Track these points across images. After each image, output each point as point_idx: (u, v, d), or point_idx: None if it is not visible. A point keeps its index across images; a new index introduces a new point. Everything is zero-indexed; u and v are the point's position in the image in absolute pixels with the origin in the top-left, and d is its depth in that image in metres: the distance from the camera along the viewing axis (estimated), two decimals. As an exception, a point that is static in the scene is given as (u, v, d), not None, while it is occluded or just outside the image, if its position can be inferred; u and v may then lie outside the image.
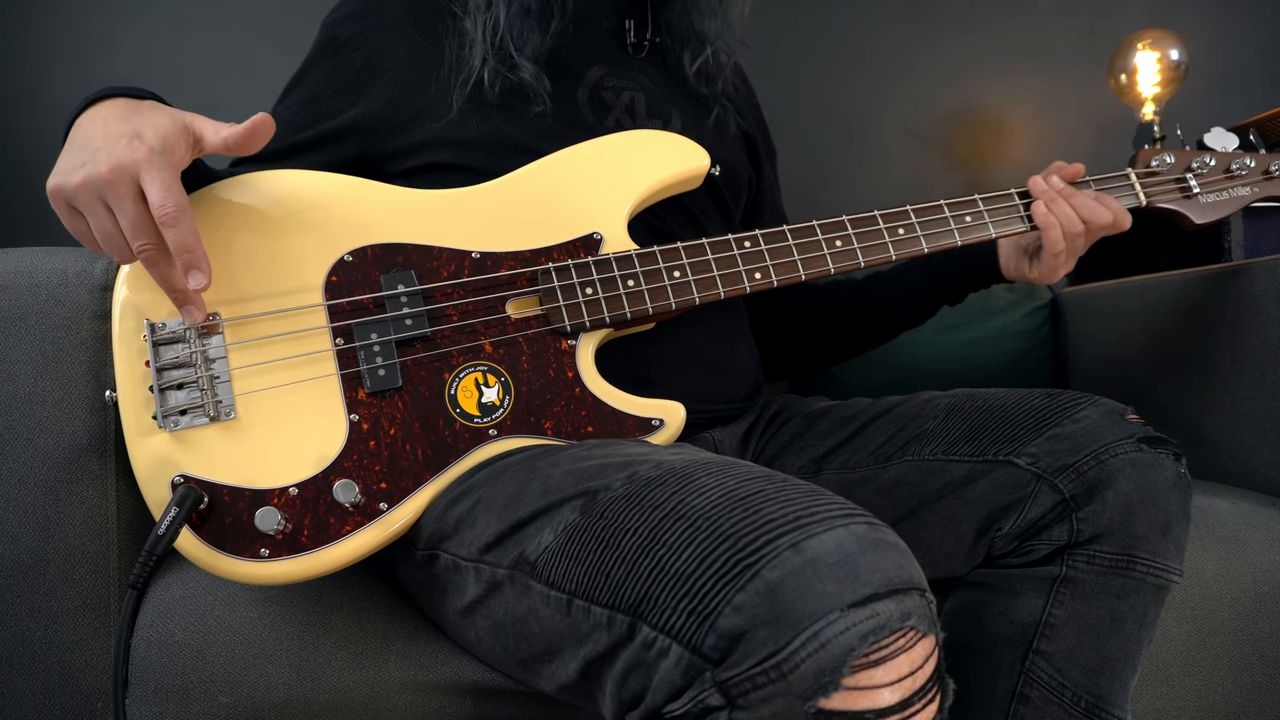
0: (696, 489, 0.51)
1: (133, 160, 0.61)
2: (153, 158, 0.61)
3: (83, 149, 0.63)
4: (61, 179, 0.62)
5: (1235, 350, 1.04)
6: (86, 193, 0.61)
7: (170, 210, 0.61)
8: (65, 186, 0.62)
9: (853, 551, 0.45)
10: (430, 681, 0.73)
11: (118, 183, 0.61)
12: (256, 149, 0.67)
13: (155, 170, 0.61)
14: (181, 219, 0.62)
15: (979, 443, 0.76)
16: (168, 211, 0.61)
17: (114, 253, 0.64)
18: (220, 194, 0.73)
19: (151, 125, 0.63)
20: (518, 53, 0.85)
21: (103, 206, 0.62)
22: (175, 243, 0.62)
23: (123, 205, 0.61)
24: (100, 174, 0.61)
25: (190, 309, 0.66)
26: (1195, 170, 0.94)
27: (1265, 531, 0.92)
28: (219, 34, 1.62)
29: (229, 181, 0.74)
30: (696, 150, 0.83)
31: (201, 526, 0.64)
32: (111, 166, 0.61)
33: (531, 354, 0.73)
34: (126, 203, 0.61)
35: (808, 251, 0.81)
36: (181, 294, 0.66)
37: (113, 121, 0.64)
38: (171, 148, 0.63)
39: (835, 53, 1.83)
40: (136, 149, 0.61)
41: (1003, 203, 0.88)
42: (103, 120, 0.65)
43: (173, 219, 0.61)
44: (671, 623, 0.47)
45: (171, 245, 0.62)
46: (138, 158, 0.61)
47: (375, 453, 0.68)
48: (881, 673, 0.44)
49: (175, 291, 0.65)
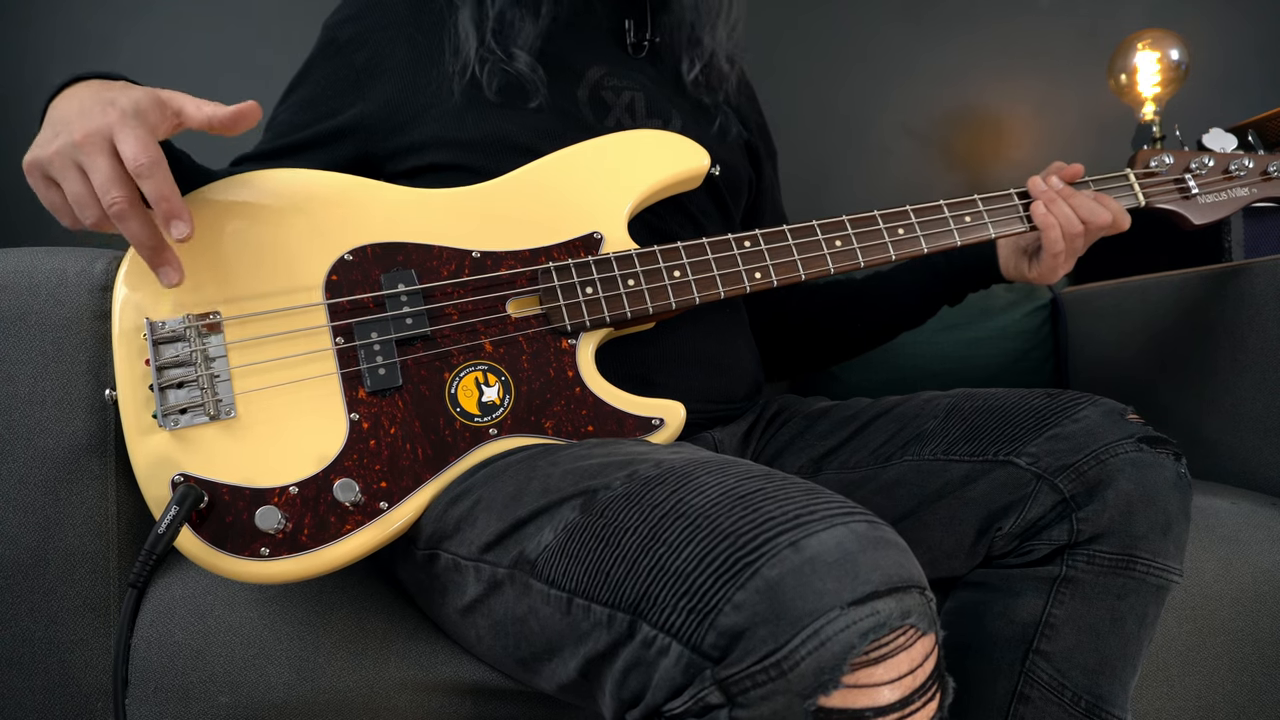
0: (696, 488, 0.51)
1: (106, 123, 0.61)
2: (125, 118, 0.61)
3: (58, 124, 0.63)
4: (37, 151, 0.62)
5: (1235, 350, 1.04)
6: (61, 159, 0.61)
7: (144, 162, 0.60)
8: (40, 157, 0.62)
9: (853, 550, 0.45)
10: (430, 681, 0.73)
11: (90, 143, 0.60)
12: (242, 130, 0.66)
13: (129, 128, 0.61)
14: (157, 169, 0.61)
15: (979, 443, 0.76)
16: (142, 162, 0.60)
17: (85, 213, 0.63)
18: (220, 193, 0.73)
19: (125, 94, 0.63)
20: (511, 42, 0.85)
21: (76, 169, 0.62)
22: (153, 192, 0.61)
23: (95, 163, 0.61)
24: (74, 139, 0.61)
25: (167, 269, 0.65)
26: (1194, 171, 0.94)
27: (1265, 531, 0.91)
28: (219, 35, 1.62)
29: (228, 181, 0.74)
30: (697, 150, 0.83)
31: (201, 525, 0.64)
32: (85, 131, 0.60)
33: (531, 353, 0.73)
34: (99, 158, 0.61)
35: (807, 251, 0.81)
36: (155, 251, 0.64)
37: (88, 99, 0.64)
38: (145, 112, 0.62)
39: (835, 53, 1.83)
40: (109, 113, 0.61)
41: (1002, 203, 0.88)
42: (78, 99, 0.64)
43: (148, 169, 0.60)
44: (671, 621, 0.47)
45: (150, 195, 0.61)
46: (110, 120, 0.61)
47: (375, 452, 0.68)
48: (881, 671, 0.44)
49: (148, 248, 0.64)
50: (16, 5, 1.55)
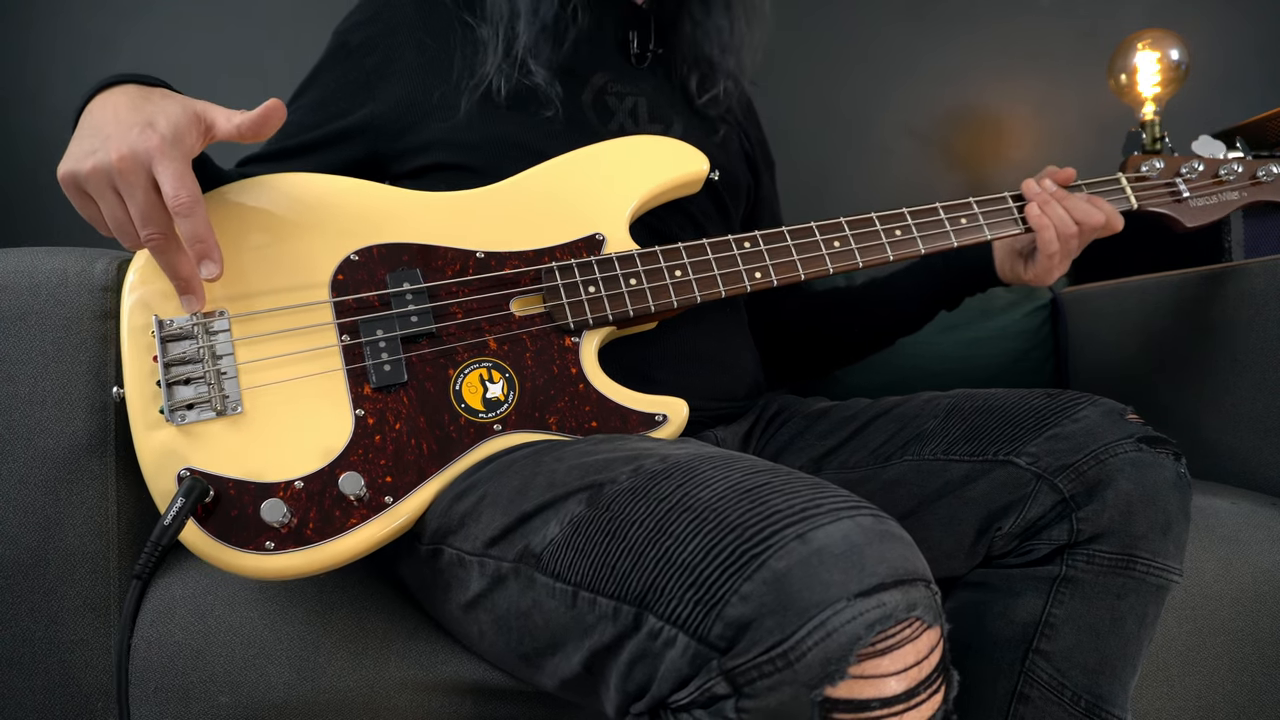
0: (702, 481, 0.51)
1: (145, 149, 0.61)
2: (165, 147, 0.61)
3: (94, 135, 0.63)
4: (73, 165, 0.62)
5: (1235, 350, 1.04)
6: (98, 179, 0.62)
7: (185, 201, 0.61)
8: (78, 172, 0.62)
9: (859, 542, 0.45)
10: (430, 681, 0.73)
11: (129, 171, 0.61)
12: (268, 135, 0.67)
13: (168, 160, 0.61)
14: (195, 209, 0.62)
15: (979, 442, 0.76)
16: (182, 202, 0.61)
17: (124, 239, 0.65)
18: (231, 195, 0.74)
19: (164, 113, 0.63)
20: (533, 60, 0.86)
21: (113, 193, 0.62)
22: (189, 233, 0.63)
23: (134, 194, 0.62)
24: (111, 161, 0.61)
25: (191, 298, 0.67)
26: (1184, 175, 0.96)
27: (1265, 531, 0.92)
28: (220, 35, 1.62)
29: (241, 184, 0.75)
30: (696, 155, 0.84)
31: (207, 519, 0.64)
32: (123, 154, 0.61)
33: (535, 350, 0.74)
34: (138, 191, 0.61)
35: (806, 252, 0.82)
36: (186, 282, 0.66)
37: (124, 108, 0.64)
38: (182, 136, 0.63)
39: (836, 53, 1.83)
40: (149, 137, 0.61)
41: (997, 205, 0.89)
42: (114, 106, 0.65)
43: (187, 209, 0.62)
44: (678, 612, 0.47)
45: (185, 236, 0.63)
46: (150, 146, 0.61)
47: (380, 447, 0.68)
48: (888, 662, 0.44)
49: (180, 279, 0.66)
50: (17, 6, 1.55)
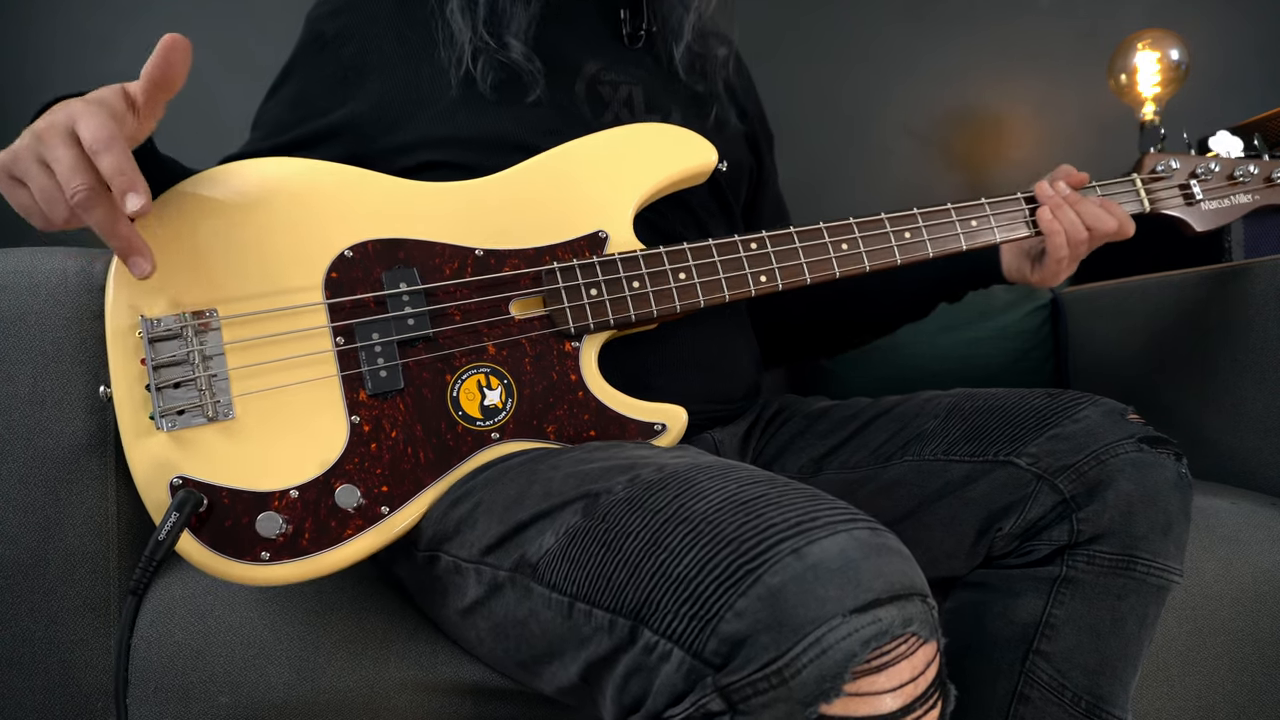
0: (698, 492, 0.51)
1: (67, 113, 0.59)
2: (86, 105, 0.59)
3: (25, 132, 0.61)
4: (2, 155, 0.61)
5: (1235, 350, 1.04)
6: (24, 154, 0.60)
7: (102, 136, 0.58)
8: (4, 159, 0.60)
9: (855, 557, 0.45)
10: (430, 681, 0.73)
11: (49, 133, 0.59)
12: (180, 74, 0.63)
13: (88, 114, 0.59)
14: (113, 144, 0.58)
15: (979, 443, 0.76)
16: (99, 138, 0.58)
17: (53, 209, 0.60)
18: (210, 186, 0.71)
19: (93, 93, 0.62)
20: (504, 30, 0.83)
21: (39, 164, 0.60)
22: (108, 166, 0.58)
23: (56, 153, 0.58)
24: (36, 133, 0.59)
25: (136, 259, 0.62)
26: (1200, 176, 0.93)
27: (1265, 531, 0.92)
28: (219, 34, 1.62)
29: (223, 169, 0.72)
30: (705, 145, 0.81)
31: (201, 529, 0.63)
32: (47, 124, 0.59)
33: (535, 356, 0.73)
34: (59, 149, 0.58)
35: (814, 255, 0.80)
36: (125, 241, 0.62)
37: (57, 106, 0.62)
38: (105, 99, 0.61)
39: (836, 53, 1.83)
40: (70, 106, 0.60)
41: (1008, 207, 0.88)
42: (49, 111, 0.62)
43: (104, 144, 0.58)
44: (673, 627, 0.47)
45: (105, 170, 0.58)
46: (71, 111, 0.59)
47: (377, 455, 0.67)
48: (883, 678, 0.44)
49: (118, 238, 0.61)
50: (16, 5, 1.55)
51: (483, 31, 0.83)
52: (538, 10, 0.86)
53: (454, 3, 0.84)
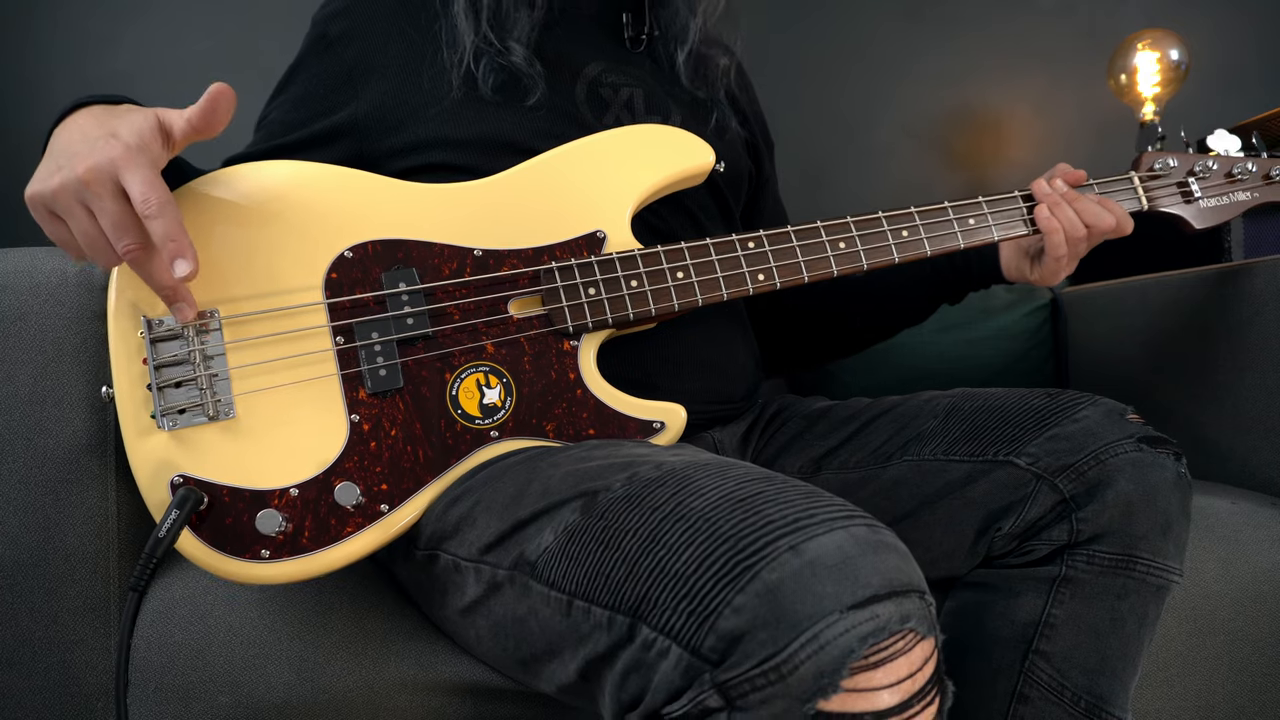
0: (696, 490, 0.51)
1: (109, 159, 0.60)
2: (130, 154, 0.60)
3: (59, 155, 0.62)
4: (39, 185, 0.61)
5: (1235, 350, 1.04)
6: (65, 196, 0.60)
7: (154, 202, 0.59)
8: (43, 192, 0.61)
9: (852, 554, 0.45)
10: (430, 681, 0.73)
11: (96, 182, 0.59)
12: (223, 121, 0.65)
13: (134, 167, 0.60)
14: (165, 209, 0.60)
15: (979, 442, 0.76)
16: (151, 204, 0.59)
17: (98, 257, 0.63)
18: (214, 188, 0.72)
19: (126, 124, 0.62)
20: (507, 34, 0.84)
21: (82, 209, 0.61)
22: (160, 233, 0.60)
23: (103, 205, 0.60)
24: (78, 175, 0.59)
25: (181, 306, 0.65)
26: (1198, 174, 0.93)
27: (1265, 531, 0.92)
28: (219, 34, 1.62)
29: (226, 173, 0.73)
30: (702, 146, 0.81)
31: (201, 527, 0.64)
32: (89, 167, 0.59)
33: (533, 355, 0.73)
34: (106, 201, 0.60)
35: (812, 253, 0.81)
36: (171, 291, 0.64)
37: (89, 126, 0.63)
38: (148, 143, 0.61)
39: (835, 53, 1.83)
40: (113, 147, 0.60)
41: (1006, 205, 0.88)
42: (79, 126, 0.63)
43: (156, 210, 0.60)
44: (671, 624, 0.47)
45: (156, 236, 0.60)
46: (114, 156, 0.60)
47: (376, 454, 0.68)
48: (881, 675, 0.44)
49: (165, 289, 0.64)
50: (17, 5, 1.55)
51: (486, 33, 0.84)
52: (541, 14, 0.87)
53: (458, 5, 0.85)
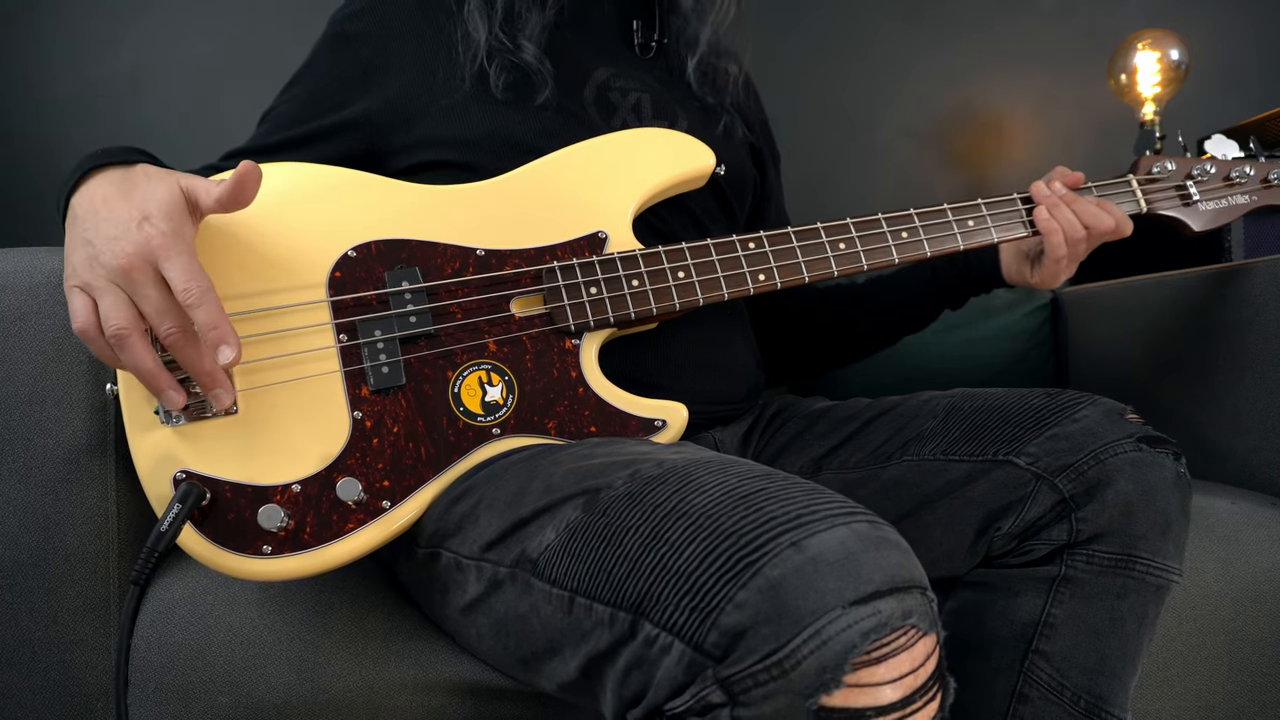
0: (698, 487, 0.51)
1: (149, 248, 0.60)
2: (167, 242, 0.60)
3: (91, 240, 0.61)
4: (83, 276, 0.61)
5: (1235, 350, 1.04)
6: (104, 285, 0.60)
7: (195, 291, 0.60)
8: (91, 283, 0.60)
9: (855, 549, 0.45)
10: (430, 681, 0.73)
11: (137, 270, 0.60)
12: (250, 199, 0.65)
13: (174, 255, 0.60)
14: (206, 297, 0.60)
15: (979, 442, 0.76)
16: (193, 293, 0.60)
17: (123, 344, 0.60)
18: None
19: (155, 202, 0.62)
20: (519, 32, 0.85)
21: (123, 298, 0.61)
22: (203, 321, 0.60)
23: (146, 293, 0.60)
24: (120, 265, 0.60)
25: (218, 393, 0.64)
26: (1196, 177, 0.93)
27: (1265, 531, 0.92)
28: (220, 34, 1.62)
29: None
30: (702, 149, 0.83)
31: (204, 523, 0.64)
32: (129, 254, 0.60)
33: (535, 353, 0.73)
34: (149, 289, 0.60)
35: (812, 254, 0.81)
36: (210, 376, 0.63)
37: (116, 203, 0.62)
38: (180, 226, 0.62)
39: (835, 53, 1.83)
40: (149, 235, 0.60)
41: (1005, 207, 0.88)
42: (105, 201, 0.63)
43: (198, 299, 0.60)
44: (673, 620, 0.47)
45: (199, 324, 0.60)
46: (154, 245, 0.60)
47: (378, 450, 0.68)
48: (883, 670, 0.44)
49: (204, 374, 0.63)
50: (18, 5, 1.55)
51: (499, 32, 0.85)
52: (552, 15, 0.88)
53: (472, 3, 0.86)
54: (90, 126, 1.47)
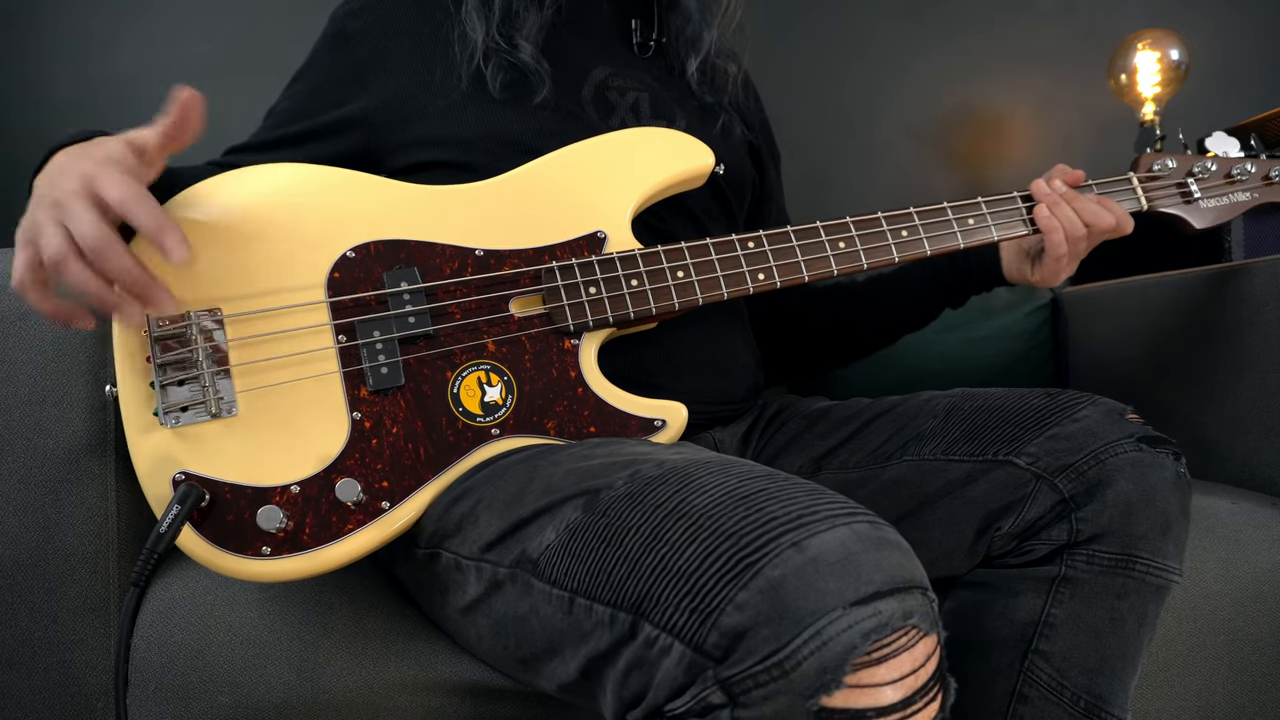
0: (698, 487, 0.51)
1: (86, 177, 0.60)
2: (104, 169, 0.60)
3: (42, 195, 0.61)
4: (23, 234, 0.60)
5: (1235, 350, 1.04)
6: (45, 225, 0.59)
7: (132, 196, 0.59)
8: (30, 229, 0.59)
9: (855, 550, 0.45)
10: (430, 681, 0.73)
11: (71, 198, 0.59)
12: (195, 127, 0.64)
13: (109, 173, 0.60)
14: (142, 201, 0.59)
15: (979, 442, 0.76)
16: (129, 199, 0.59)
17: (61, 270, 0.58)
18: (219, 189, 0.73)
19: (98, 147, 0.62)
20: (516, 32, 0.85)
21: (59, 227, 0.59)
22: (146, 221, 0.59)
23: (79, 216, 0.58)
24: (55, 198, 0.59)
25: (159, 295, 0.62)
26: (1196, 175, 0.93)
27: (1265, 531, 0.92)
28: (220, 33, 1.62)
29: (231, 175, 0.74)
30: (701, 148, 0.82)
31: (203, 524, 0.64)
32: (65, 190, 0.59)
33: (534, 353, 0.73)
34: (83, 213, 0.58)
35: (811, 253, 0.81)
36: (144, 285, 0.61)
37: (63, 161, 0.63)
38: (119, 158, 0.62)
39: (835, 53, 1.83)
40: (86, 167, 0.60)
41: (1005, 205, 0.88)
42: (58, 168, 0.63)
43: (133, 201, 0.59)
44: (674, 621, 0.47)
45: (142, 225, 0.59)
46: (89, 172, 0.60)
47: (377, 451, 0.68)
48: (883, 671, 0.44)
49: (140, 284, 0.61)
50: (18, 5, 1.55)
51: (495, 33, 0.85)
52: (550, 15, 0.88)
53: (470, 3, 0.86)
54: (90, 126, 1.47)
